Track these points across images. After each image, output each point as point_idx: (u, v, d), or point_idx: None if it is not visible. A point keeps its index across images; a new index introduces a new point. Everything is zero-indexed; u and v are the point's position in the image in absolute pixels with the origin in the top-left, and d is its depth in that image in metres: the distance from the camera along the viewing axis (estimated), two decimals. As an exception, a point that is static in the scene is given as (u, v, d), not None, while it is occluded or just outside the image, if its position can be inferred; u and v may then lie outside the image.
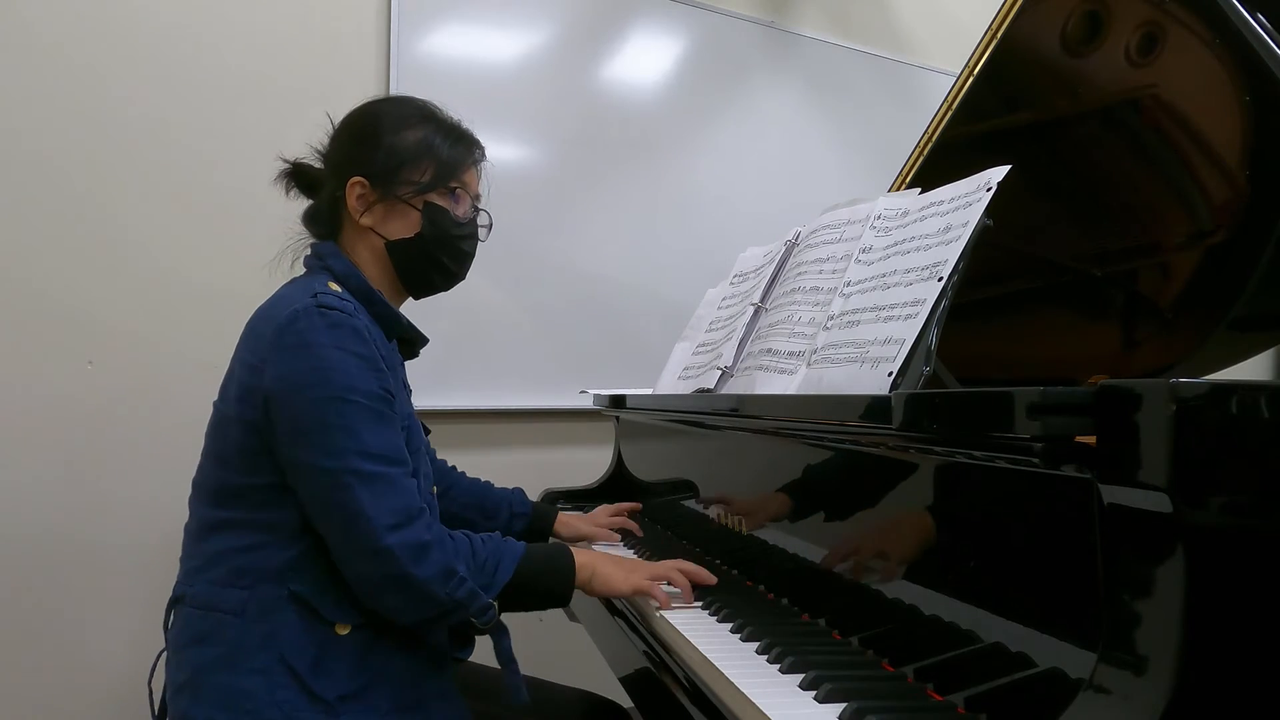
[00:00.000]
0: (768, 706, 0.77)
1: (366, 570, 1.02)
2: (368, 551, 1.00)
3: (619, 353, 2.45)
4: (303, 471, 1.03)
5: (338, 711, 1.02)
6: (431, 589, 1.01)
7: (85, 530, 1.90)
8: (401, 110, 1.23)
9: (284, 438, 1.03)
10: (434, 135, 1.21)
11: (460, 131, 1.24)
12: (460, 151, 1.22)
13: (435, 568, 1.01)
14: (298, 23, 2.13)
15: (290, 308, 1.06)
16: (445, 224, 1.20)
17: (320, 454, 1.01)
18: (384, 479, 1.02)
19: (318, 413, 1.01)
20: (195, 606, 1.07)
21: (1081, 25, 1.49)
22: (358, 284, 1.15)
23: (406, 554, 1.00)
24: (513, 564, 1.09)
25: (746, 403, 1.23)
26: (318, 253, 1.19)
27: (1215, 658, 0.56)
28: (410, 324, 1.22)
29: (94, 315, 1.92)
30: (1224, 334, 1.60)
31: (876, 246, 1.18)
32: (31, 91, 1.88)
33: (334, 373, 1.02)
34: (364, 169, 1.18)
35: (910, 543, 0.90)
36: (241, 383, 1.08)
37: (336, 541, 1.03)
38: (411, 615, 1.04)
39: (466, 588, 1.03)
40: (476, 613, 1.05)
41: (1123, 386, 0.60)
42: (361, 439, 1.02)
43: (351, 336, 1.05)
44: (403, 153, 1.18)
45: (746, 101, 2.70)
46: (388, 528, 1.00)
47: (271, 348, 1.05)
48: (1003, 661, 0.73)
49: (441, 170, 1.20)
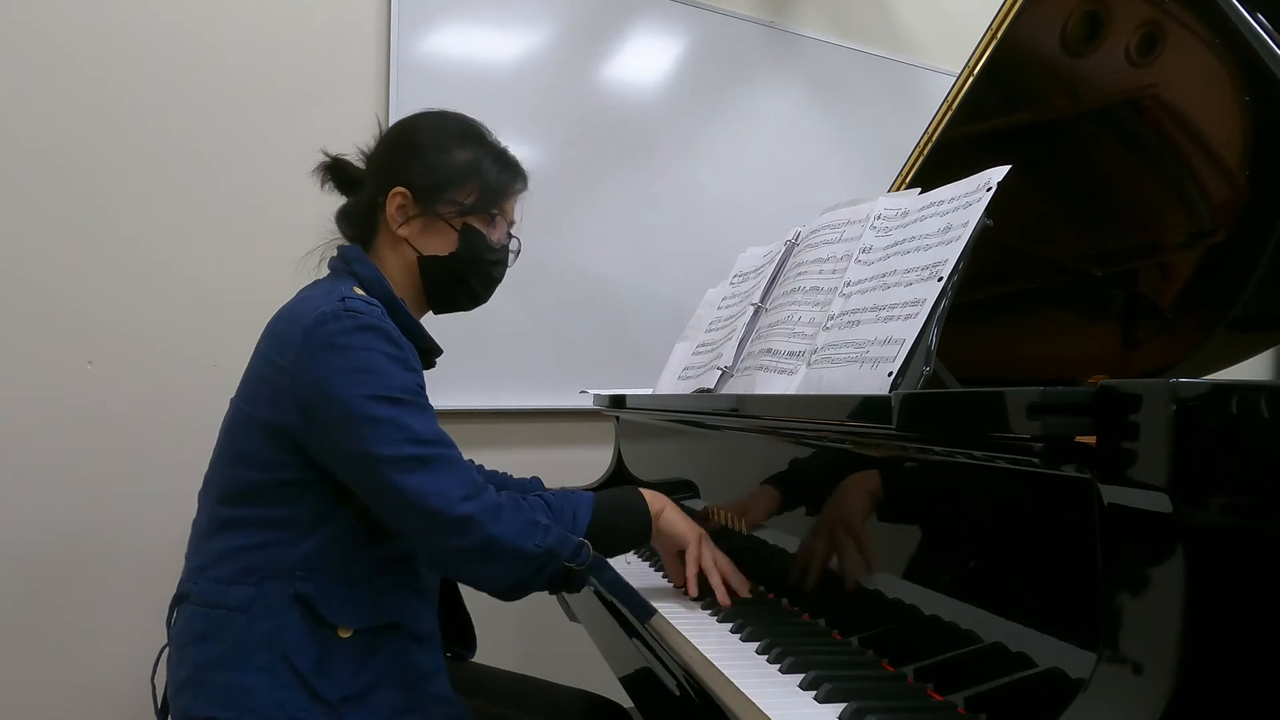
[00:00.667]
0: (768, 706, 0.77)
1: (449, 544, 1.02)
2: (446, 525, 1.00)
3: (619, 353, 2.45)
4: (360, 465, 1.02)
5: (340, 713, 1.03)
6: (520, 544, 1.02)
7: (86, 530, 1.90)
8: (453, 127, 1.24)
9: (332, 437, 1.03)
10: (483, 158, 1.22)
11: (508, 159, 1.25)
12: (506, 179, 1.23)
13: (517, 523, 1.02)
14: (298, 23, 2.13)
15: (317, 310, 1.06)
16: (480, 247, 1.21)
17: (375, 444, 1.01)
18: (443, 459, 1.03)
19: (364, 409, 1.01)
20: (199, 604, 1.07)
21: (1081, 25, 1.49)
22: (381, 290, 1.15)
23: (486, 517, 1.01)
24: (588, 508, 1.11)
25: (746, 403, 1.23)
26: (344, 256, 1.19)
27: (1215, 658, 0.56)
28: (429, 336, 1.22)
29: (94, 315, 1.92)
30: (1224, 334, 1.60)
31: (876, 246, 1.18)
32: (31, 92, 1.88)
33: (371, 373, 1.03)
34: (409, 180, 1.18)
35: (910, 543, 0.90)
36: (270, 384, 1.07)
37: (412, 524, 1.03)
38: (509, 577, 1.04)
39: (554, 534, 1.04)
40: (570, 554, 1.04)
41: (1123, 386, 0.60)
42: (412, 429, 1.02)
43: (381, 338, 1.05)
44: (450, 171, 1.19)
45: (746, 101, 2.70)
46: (461, 498, 1.01)
47: (300, 350, 1.04)
48: (1003, 661, 0.73)
49: (485, 195, 1.21)
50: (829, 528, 1.05)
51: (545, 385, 2.37)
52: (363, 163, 1.25)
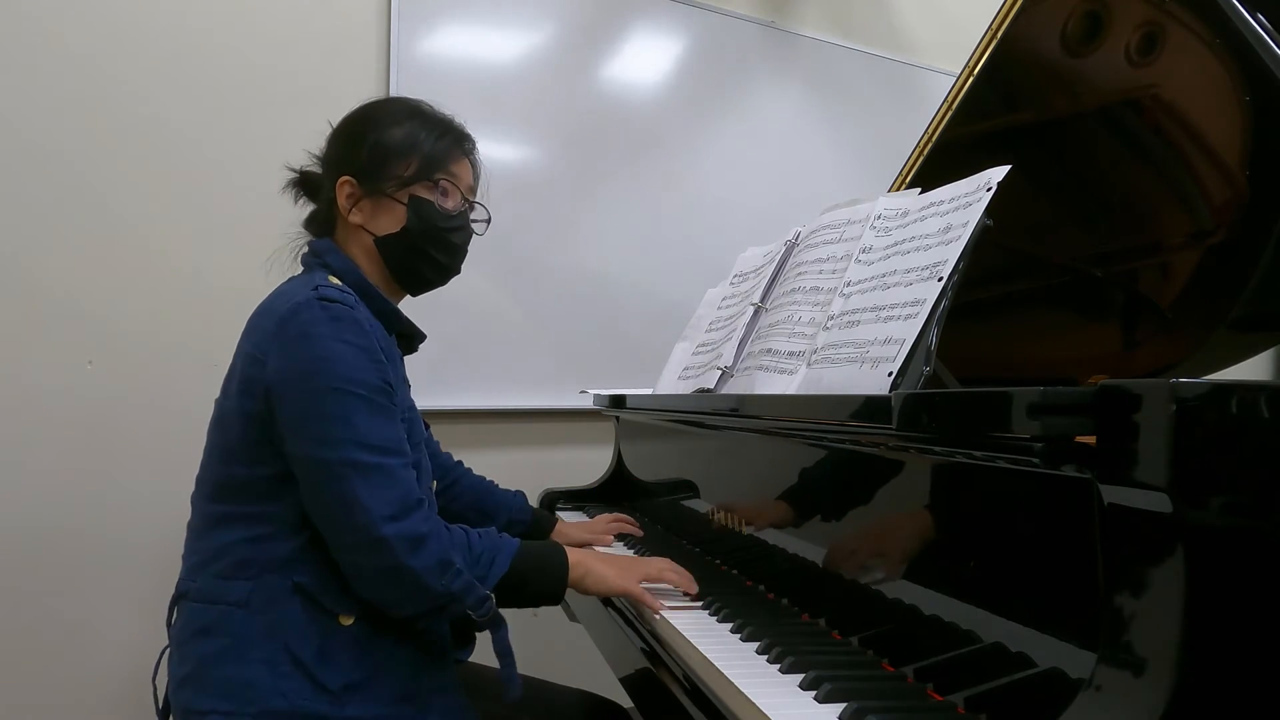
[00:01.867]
0: (768, 706, 0.77)
1: (363, 561, 1.02)
2: (364, 543, 1.00)
3: (619, 353, 2.45)
4: (301, 463, 1.03)
5: (342, 701, 1.03)
6: (427, 581, 1.01)
7: (86, 529, 1.90)
8: (388, 109, 1.25)
9: (284, 428, 1.04)
10: (419, 130, 1.21)
11: (447, 125, 1.24)
12: (446, 143, 1.22)
13: (431, 559, 1.01)
14: (298, 23, 2.13)
15: (291, 301, 1.07)
16: (432, 216, 1.20)
17: (317, 445, 1.01)
18: (381, 470, 1.02)
19: (316, 403, 1.02)
20: (199, 601, 1.07)
21: (1081, 25, 1.49)
22: (355, 279, 1.16)
23: (402, 545, 1.00)
24: (508, 559, 1.09)
25: (746, 403, 1.23)
26: (315, 250, 1.20)
27: (1215, 658, 0.56)
28: (408, 319, 1.23)
29: (94, 314, 1.92)
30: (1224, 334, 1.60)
31: (876, 246, 1.18)
32: (32, 91, 1.88)
33: (334, 363, 1.03)
34: (351, 167, 1.19)
35: (910, 543, 0.90)
36: (243, 375, 1.08)
37: (333, 533, 1.03)
38: (409, 608, 1.04)
39: (463, 580, 1.03)
40: (473, 605, 1.04)
41: (1123, 386, 0.60)
42: (359, 430, 1.02)
43: (352, 328, 1.06)
44: (387, 148, 1.19)
45: (746, 101, 2.70)
46: (385, 518, 1.00)
47: (273, 340, 1.05)
48: (1003, 661, 0.73)
49: (425, 163, 1.20)
50: (829, 528, 1.05)
51: (545, 385, 2.37)
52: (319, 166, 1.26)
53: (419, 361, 1.35)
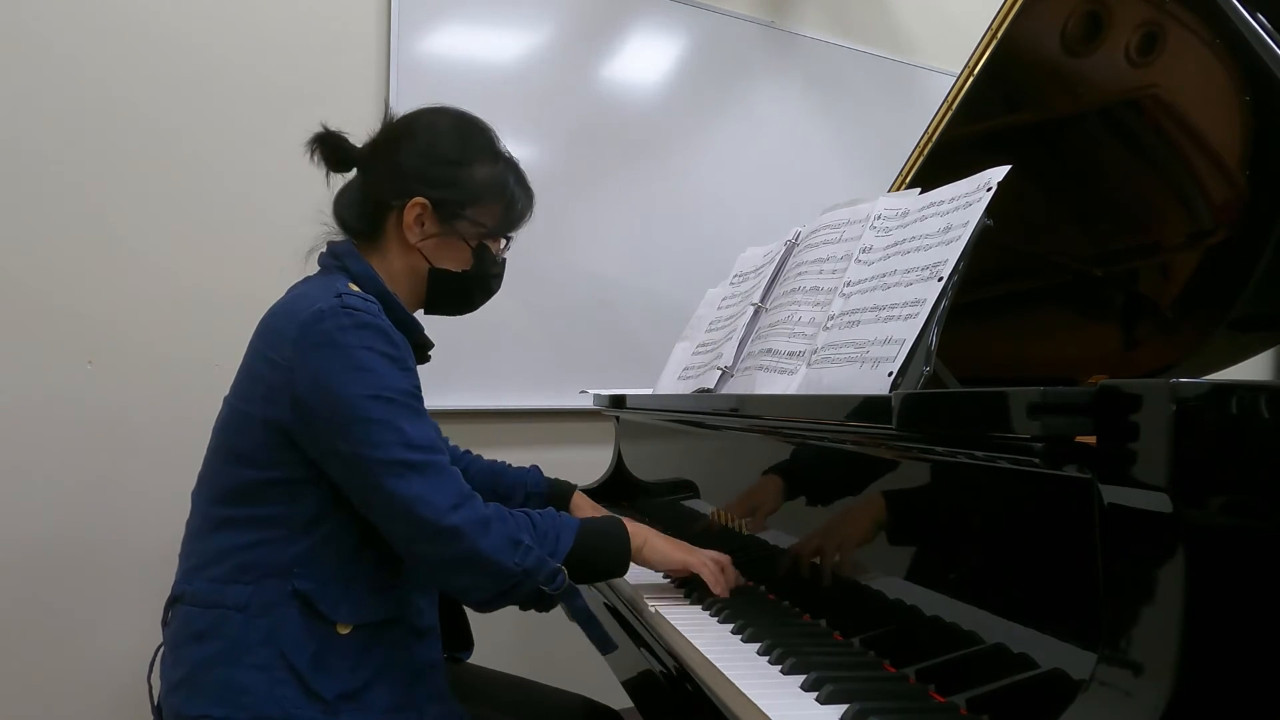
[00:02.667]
0: (769, 708, 0.77)
1: (435, 552, 1.02)
2: (433, 533, 1.00)
3: (619, 353, 2.45)
4: (351, 464, 1.02)
5: (336, 710, 1.03)
6: (501, 560, 1.02)
7: (85, 530, 1.90)
8: (479, 140, 1.22)
9: (325, 435, 1.03)
10: (506, 176, 1.21)
11: (525, 181, 1.25)
12: (526, 204, 1.25)
13: (501, 539, 1.02)
14: (298, 23, 2.13)
15: (314, 306, 1.05)
16: (489, 264, 1.23)
17: (368, 447, 1.01)
18: (433, 466, 1.03)
19: (359, 410, 1.01)
20: (196, 604, 1.07)
21: (1081, 25, 1.49)
22: (375, 288, 1.14)
23: (473, 529, 1.01)
24: (572, 534, 1.10)
25: (747, 403, 1.23)
26: (334, 252, 1.18)
27: (1215, 658, 0.56)
28: (423, 331, 1.22)
29: (94, 315, 1.92)
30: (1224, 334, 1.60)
31: (876, 246, 1.18)
32: (32, 92, 1.88)
33: (368, 373, 1.03)
34: (431, 193, 1.17)
35: (911, 543, 0.90)
36: (266, 381, 1.07)
37: (399, 529, 1.03)
38: (485, 590, 1.04)
39: (534, 555, 1.04)
40: (546, 579, 1.05)
41: (1123, 386, 0.60)
42: (405, 432, 1.02)
43: (379, 337, 1.05)
44: (475, 189, 1.19)
45: (746, 101, 2.70)
46: (450, 508, 1.01)
47: (297, 346, 1.04)
48: (1004, 662, 0.73)
49: (506, 219, 1.23)
50: (830, 528, 1.05)
51: (545, 385, 2.37)
52: (369, 152, 1.21)
53: (419, 361, 1.35)
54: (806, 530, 1.10)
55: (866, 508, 0.98)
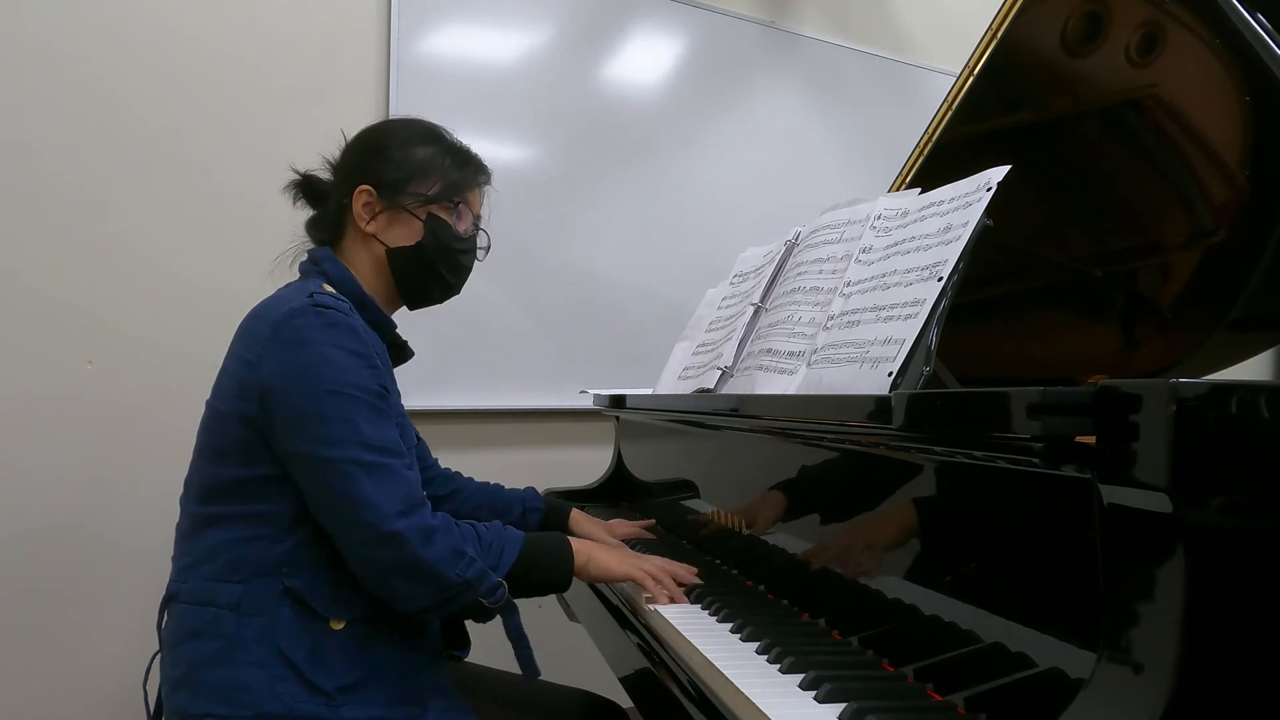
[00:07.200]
0: (768, 707, 0.77)
1: (376, 556, 1.02)
2: (376, 538, 1.01)
3: (619, 353, 2.45)
4: (304, 462, 1.03)
5: (337, 702, 1.03)
6: (442, 570, 1.02)
7: (84, 530, 1.90)
8: (414, 128, 1.29)
9: (283, 431, 1.04)
10: (444, 154, 1.26)
11: (468, 154, 1.29)
12: (468, 173, 1.27)
13: (444, 549, 1.03)
14: (297, 23, 2.13)
15: (287, 306, 1.08)
16: (446, 236, 1.24)
17: (321, 445, 1.02)
18: (386, 469, 1.03)
19: (317, 406, 1.03)
20: (190, 603, 1.07)
21: (1081, 25, 1.49)
22: (351, 288, 1.18)
23: (416, 537, 1.01)
24: (516, 547, 1.11)
25: (746, 403, 1.23)
26: (313, 258, 1.22)
27: (1215, 657, 0.56)
28: (395, 329, 1.25)
29: (94, 315, 1.92)
30: (1224, 334, 1.60)
31: (876, 246, 1.18)
32: (32, 91, 1.88)
33: (331, 368, 1.04)
34: (373, 178, 1.21)
35: (910, 543, 0.90)
36: (238, 378, 1.09)
37: (343, 530, 1.03)
38: (423, 599, 1.05)
39: (476, 567, 1.05)
40: (486, 592, 1.05)
41: (1123, 386, 0.60)
42: (361, 431, 1.03)
43: (347, 334, 1.07)
44: (412, 166, 1.23)
45: (746, 101, 2.70)
46: (395, 513, 1.01)
47: (268, 344, 1.06)
48: (1003, 661, 0.73)
49: (448, 185, 1.24)
50: (829, 528, 1.05)
51: (545, 385, 2.37)
52: (330, 173, 1.28)
53: (419, 362, 1.35)
54: (806, 530, 1.10)
55: (866, 508, 0.98)
